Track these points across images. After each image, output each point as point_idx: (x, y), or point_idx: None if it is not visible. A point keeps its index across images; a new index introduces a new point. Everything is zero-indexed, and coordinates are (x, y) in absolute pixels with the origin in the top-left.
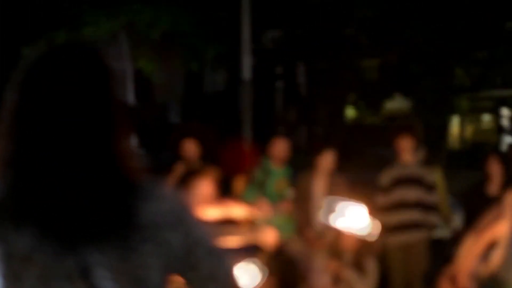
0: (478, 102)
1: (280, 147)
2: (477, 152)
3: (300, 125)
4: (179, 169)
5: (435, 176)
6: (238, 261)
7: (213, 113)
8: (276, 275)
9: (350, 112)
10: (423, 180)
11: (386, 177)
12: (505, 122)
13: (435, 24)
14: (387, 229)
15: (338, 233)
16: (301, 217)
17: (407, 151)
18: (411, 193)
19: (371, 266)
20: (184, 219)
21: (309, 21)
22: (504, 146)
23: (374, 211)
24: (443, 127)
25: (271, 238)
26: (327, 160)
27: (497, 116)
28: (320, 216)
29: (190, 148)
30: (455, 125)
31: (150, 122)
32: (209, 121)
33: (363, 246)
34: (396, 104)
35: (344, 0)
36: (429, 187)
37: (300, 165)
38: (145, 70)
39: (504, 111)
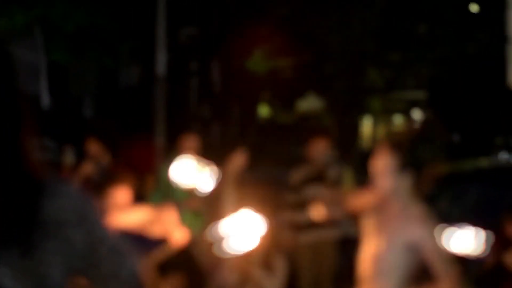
0: (391, 103)
1: (190, 143)
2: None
3: (213, 123)
4: (86, 168)
5: (345, 176)
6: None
7: (127, 108)
8: (183, 272)
9: (263, 111)
10: (332, 180)
11: (296, 176)
12: (416, 124)
13: (348, 25)
14: (297, 228)
15: None
16: (210, 216)
17: (320, 152)
18: (320, 192)
19: (280, 265)
20: (87, 216)
21: (223, 18)
22: None
23: (284, 208)
24: (355, 127)
25: (180, 235)
26: (238, 160)
27: (408, 117)
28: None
29: (93, 146)
30: (367, 125)
31: (64, 116)
32: (123, 116)
33: (271, 244)
34: (310, 103)
35: None
36: (338, 187)
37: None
38: (60, 63)
39: (416, 113)
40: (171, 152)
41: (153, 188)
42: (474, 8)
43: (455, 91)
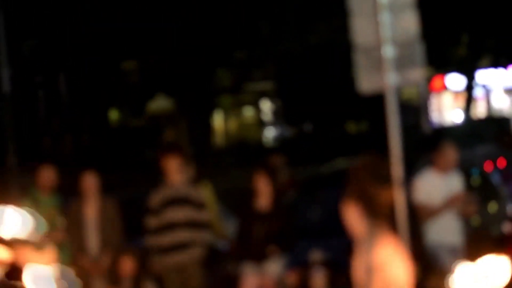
0: (240, 96)
1: (46, 175)
2: (242, 149)
3: (65, 134)
4: None
5: (205, 192)
6: None
7: None
8: None
9: (113, 115)
10: (191, 199)
11: (155, 198)
12: (266, 115)
13: (194, 26)
14: (160, 251)
15: (115, 258)
16: (75, 244)
17: (175, 171)
18: (180, 214)
19: None
20: None
21: (65, 28)
22: (266, 139)
23: (146, 233)
24: (207, 125)
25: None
26: (91, 183)
27: (258, 109)
28: None
29: None
30: (218, 121)
31: None
32: None
33: (140, 270)
34: (160, 104)
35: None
36: (199, 205)
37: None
38: None
39: (265, 104)
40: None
41: None
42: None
43: (302, 80)
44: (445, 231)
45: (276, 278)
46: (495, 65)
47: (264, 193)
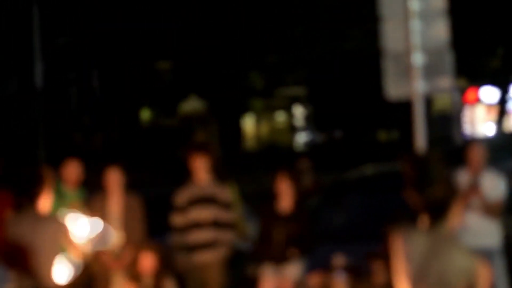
0: (272, 100)
1: (72, 169)
2: (272, 153)
3: (95, 131)
4: None
5: (230, 192)
6: None
7: (5, 120)
8: None
9: (145, 114)
10: (217, 199)
11: (181, 197)
12: (297, 121)
13: (229, 29)
14: (184, 249)
15: (136, 255)
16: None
17: (202, 170)
18: (206, 213)
19: (170, 287)
20: None
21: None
22: (297, 144)
23: (172, 231)
24: (238, 127)
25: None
26: (115, 178)
27: (290, 114)
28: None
29: None
30: (249, 124)
31: None
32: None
33: (162, 267)
34: (192, 105)
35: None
36: (224, 206)
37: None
38: None
39: (297, 109)
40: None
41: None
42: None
43: (334, 86)
44: (473, 233)
45: (296, 280)
46: None
47: (286, 196)
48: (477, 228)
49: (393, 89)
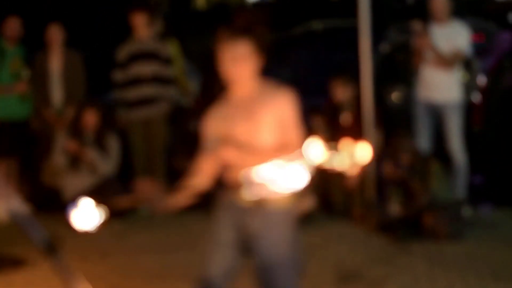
0: None
1: (12, 25)
2: (222, 11)
3: None
4: None
5: (171, 48)
6: None
7: None
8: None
9: None
10: (158, 54)
11: (122, 52)
12: None
13: None
14: (125, 105)
15: (78, 111)
16: (39, 96)
17: (142, 26)
18: (147, 68)
19: (113, 144)
20: None
21: None
22: (246, 4)
23: (113, 87)
24: None
25: None
26: (56, 35)
27: None
28: None
29: None
30: None
31: None
32: None
33: (104, 123)
34: None
35: None
36: (165, 61)
37: None
38: None
39: None
40: None
41: None
42: None
43: None
44: (427, 86)
45: None
46: None
47: None
48: (431, 81)
49: None
